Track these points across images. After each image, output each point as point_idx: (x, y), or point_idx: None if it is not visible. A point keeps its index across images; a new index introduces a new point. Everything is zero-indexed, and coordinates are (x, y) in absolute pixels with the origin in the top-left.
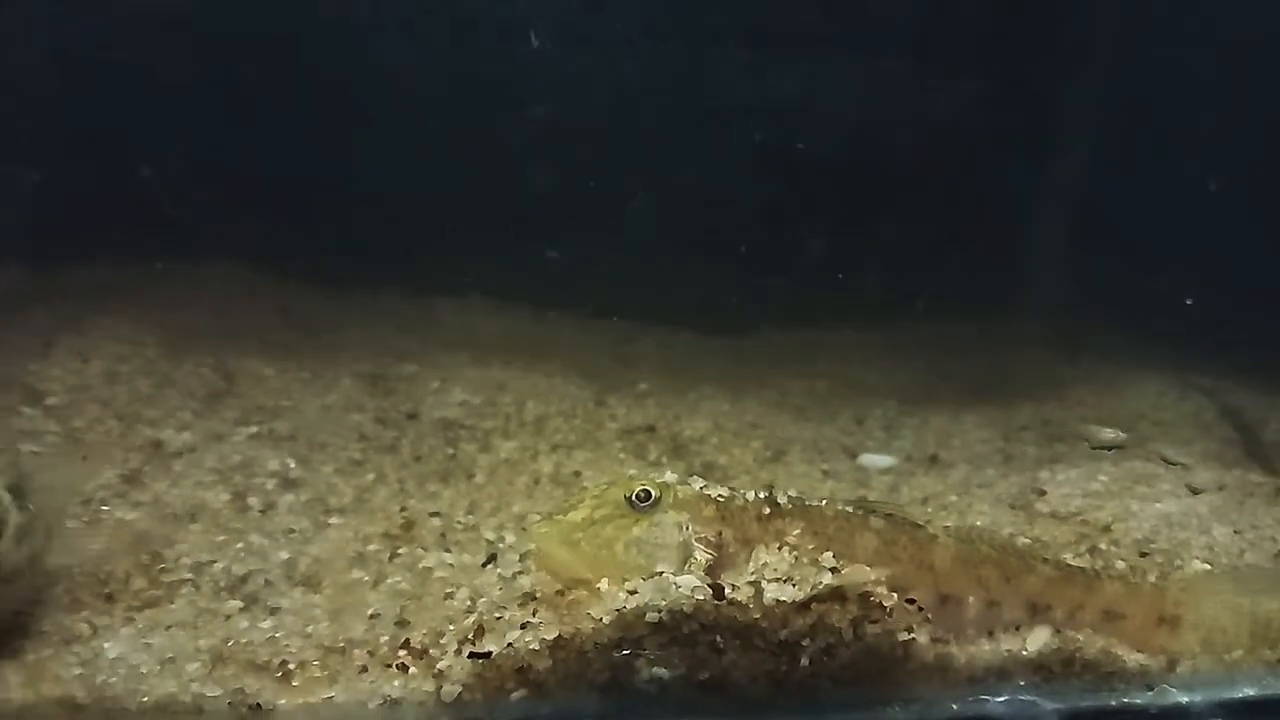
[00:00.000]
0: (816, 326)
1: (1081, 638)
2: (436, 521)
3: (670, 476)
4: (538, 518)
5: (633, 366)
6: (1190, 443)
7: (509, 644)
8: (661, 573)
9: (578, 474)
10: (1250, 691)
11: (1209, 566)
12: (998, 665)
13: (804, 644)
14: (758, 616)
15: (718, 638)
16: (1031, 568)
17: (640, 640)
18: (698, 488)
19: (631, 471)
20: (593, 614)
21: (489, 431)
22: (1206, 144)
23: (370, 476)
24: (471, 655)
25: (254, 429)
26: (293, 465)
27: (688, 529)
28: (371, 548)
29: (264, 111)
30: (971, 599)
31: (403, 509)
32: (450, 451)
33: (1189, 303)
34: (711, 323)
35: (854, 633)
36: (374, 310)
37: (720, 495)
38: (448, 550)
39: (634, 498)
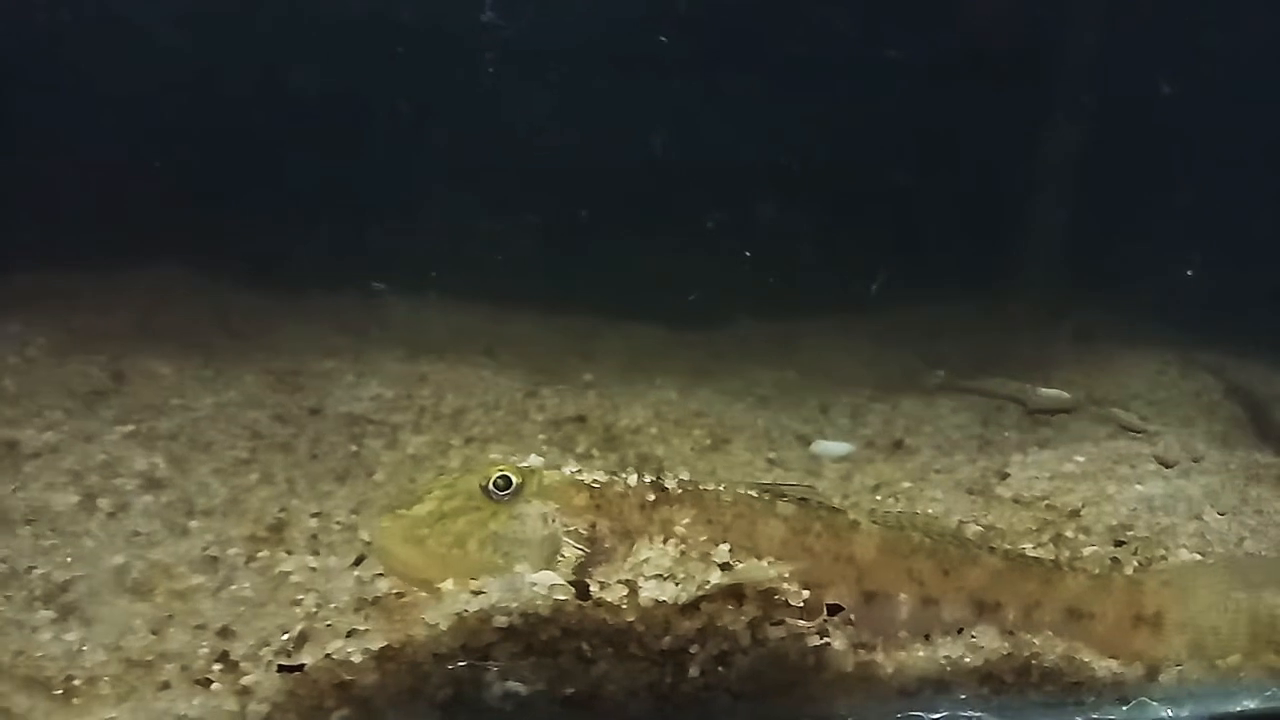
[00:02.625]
0: (799, 316)
1: (1038, 641)
2: (314, 522)
3: (535, 460)
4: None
5: (592, 361)
6: (1191, 423)
7: (326, 655)
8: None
9: None
10: (1250, 704)
11: (1199, 556)
12: (935, 675)
13: (691, 651)
14: (633, 620)
15: (584, 645)
16: (976, 559)
17: (487, 649)
18: (568, 472)
19: (494, 455)
20: (427, 619)
21: (398, 426)
22: (1211, 112)
23: (254, 476)
24: (280, 669)
25: (131, 428)
26: (162, 465)
27: (554, 521)
28: (231, 551)
29: (217, 110)
30: (903, 596)
31: (282, 510)
32: (353, 448)
33: (1190, 274)
34: (684, 316)
35: (752, 638)
36: (321, 310)
37: (595, 481)
38: (315, 553)
39: (490, 486)
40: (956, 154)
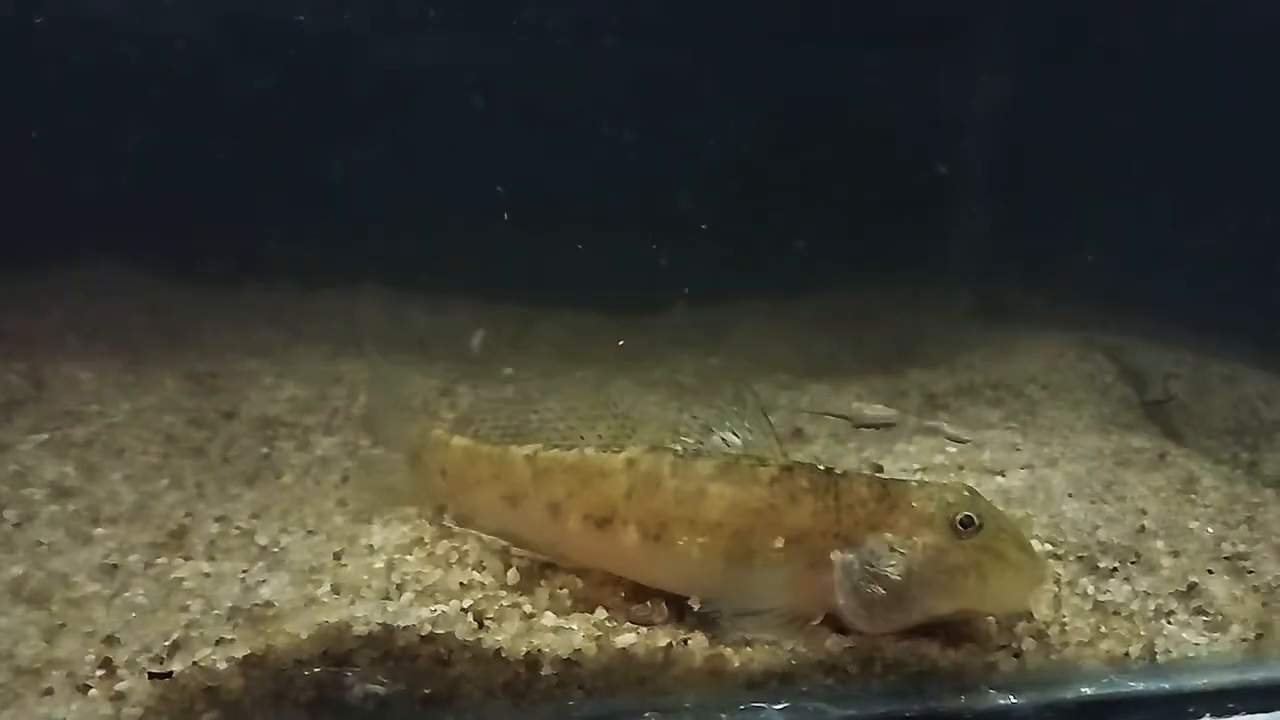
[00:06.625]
0: (732, 303)
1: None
2: (215, 527)
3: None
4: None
5: (524, 351)
6: (1080, 405)
7: (194, 662)
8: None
9: None
10: (1088, 691)
11: (1050, 547)
12: (780, 668)
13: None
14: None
15: (441, 649)
16: None
17: (348, 655)
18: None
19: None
20: (288, 629)
21: (309, 428)
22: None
23: (164, 482)
24: (151, 675)
25: (46, 436)
26: (72, 474)
27: None
28: (132, 558)
29: (155, 104)
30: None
31: (187, 514)
32: (264, 451)
33: (1090, 259)
34: (622, 303)
35: None
36: (254, 306)
37: None
38: (211, 558)
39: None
40: (874, 136)
